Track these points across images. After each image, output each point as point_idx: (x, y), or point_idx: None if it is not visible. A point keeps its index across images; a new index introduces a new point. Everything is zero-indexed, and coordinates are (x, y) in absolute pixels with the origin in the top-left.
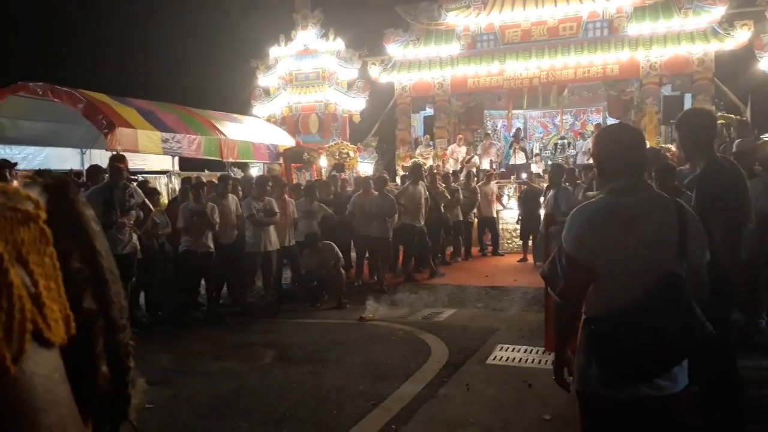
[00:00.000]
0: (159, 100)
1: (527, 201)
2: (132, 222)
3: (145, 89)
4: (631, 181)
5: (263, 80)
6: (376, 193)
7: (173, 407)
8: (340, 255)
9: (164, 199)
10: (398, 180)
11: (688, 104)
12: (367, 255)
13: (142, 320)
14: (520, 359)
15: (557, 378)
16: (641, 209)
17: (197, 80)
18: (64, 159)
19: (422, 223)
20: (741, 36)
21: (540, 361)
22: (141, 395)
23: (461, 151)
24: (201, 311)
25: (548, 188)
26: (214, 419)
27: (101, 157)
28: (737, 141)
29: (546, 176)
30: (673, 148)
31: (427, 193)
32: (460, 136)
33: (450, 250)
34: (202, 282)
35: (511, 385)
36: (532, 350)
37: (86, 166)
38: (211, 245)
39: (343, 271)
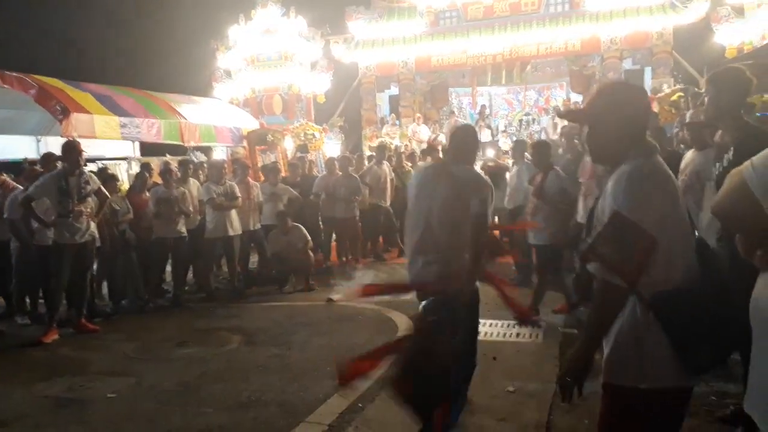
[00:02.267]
0: (115, 84)
1: (494, 179)
2: (89, 210)
3: (100, 73)
4: (652, 142)
5: (224, 61)
6: (341, 173)
7: (135, 396)
8: (309, 237)
9: (124, 186)
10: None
11: (648, 77)
12: (334, 236)
13: (105, 310)
14: (486, 333)
15: (577, 379)
16: (668, 170)
17: (154, 62)
18: (18, 147)
19: (388, 203)
20: (698, 9)
21: (505, 335)
22: None
23: (421, 131)
24: (166, 298)
25: (513, 165)
26: (177, 406)
27: (58, 145)
28: (690, 111)
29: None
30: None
31: (393, 173)
32: (419, 115)
33: None
34: (168, 269)
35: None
36: (497, 324)
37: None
38: (183, 230)
39: (311, 254)
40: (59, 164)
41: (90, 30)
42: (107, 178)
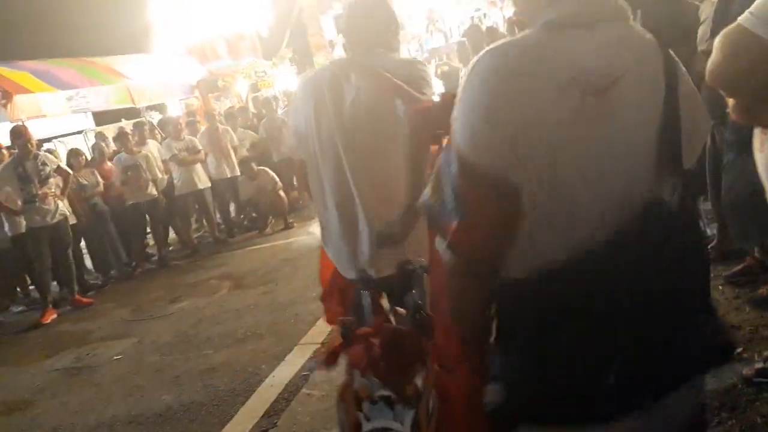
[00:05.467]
0: (49, 57)
1: (449, 81)
2: (53, 190)
3: (31, 47)
4: (588, 1)
5: (157, 11)
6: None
7: (139, 353)
8: (277, 179)
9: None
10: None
11: None
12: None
13: (96, 283)
14: None
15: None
16: (610, 62)
17: (86, 26)
18: None
19: None
20: None
21: None
22: None
23: None
24: (152, 261)
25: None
26: (180, 354)
27: (6, 131)
28: None
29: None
30: None
31: None
32: None
33: None
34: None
35: None
36: None
37: None
38: (155, 192)
39: (283, 194)
40: (5, 151)
41: (11, 4)
42: (71, 153)
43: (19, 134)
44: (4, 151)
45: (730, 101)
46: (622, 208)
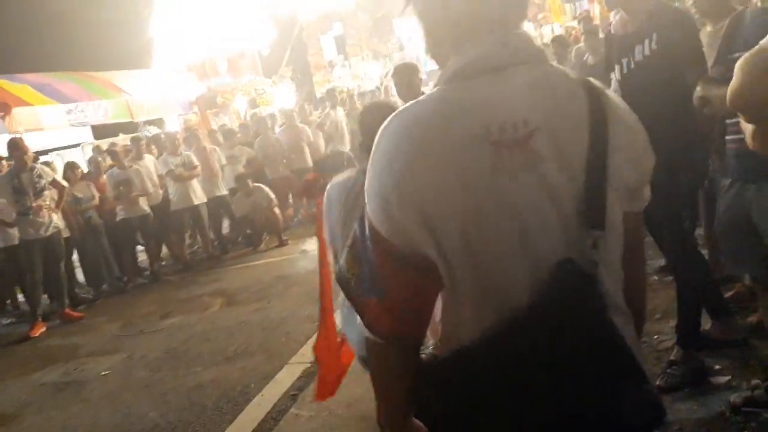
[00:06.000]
0: (49, 71)
1: None
2: (47, 203)
3: (32, 60)
4: (498, 43)
5: (158, 27)
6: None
7: (128, 369)
8: (272, 196)
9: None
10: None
11: None
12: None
13: (87, 296)
14: None
15: None
16: (525, 111)
17: (88, 40)
18: None
19: (348, 147)
20: None
21: None
22: None
23: (371, 69)
24: (144, 275)
25: None
26: (169, 370)
27: (4, 143)
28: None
29: None
30: (576, 25)
31: (346, 117)
32: (367, 52)
33: None
34: (141, 247)
35: None
36: None
37: None
38: (146, 207)
39: (277, 211)
40: (4, 163)
41: (14, 18)
42: (67, 167)
43: (15, 147)
44: (4, 162)
45: (749, 127)
46: (541, 268)
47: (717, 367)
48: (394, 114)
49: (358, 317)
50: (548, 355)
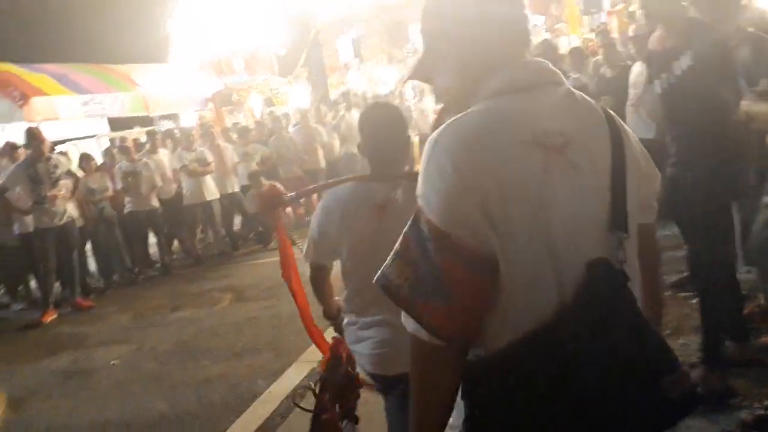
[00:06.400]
0: (68, 61)
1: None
2: (62, 192)
3: (51, 51)
4: (525, 66)
5: (177, 22)
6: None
7: (137, 360)
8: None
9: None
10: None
11: None
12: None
13: (98, 286)
14: None
15: None
16: (560, 124)
17: (107, 31)
18: None
19: None
20: None
21: None
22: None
23: (386, 73)
24: (155, 268)
25: None
26: (177, 363)
27: (22, 131)
28: (634, 25)
29: None
30: (594, 38)
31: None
32: (382, 56)
33: None
34: (153, 240)
35: None
36: None
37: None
38: (155, 202)
39: (289, 210)
40: (21, 151)
41: (34, 8)
42: (82, 158)
43: (33, 136)
44: (21, 151)
45: None
46: (575, 266)
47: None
48: (445, 125)
49: (409, 321)
50: (592, 351)
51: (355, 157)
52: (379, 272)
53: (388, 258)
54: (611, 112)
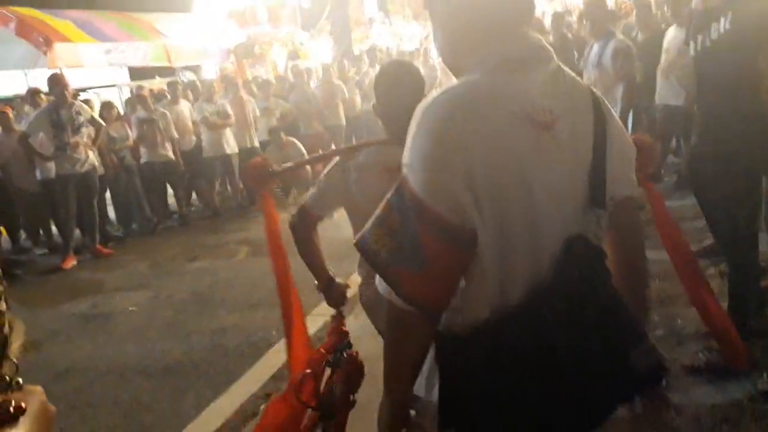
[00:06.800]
0: (92, 8)
1: None
2: (85, 140)
3: None
4: (520, 42)
5: None
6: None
7: (154, 307)
8: (304, 151)
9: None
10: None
11: None
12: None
13: (117, 234)
14: None
15: None
16: (549, 101)
17: None
18: (6, 83)
19: None
20: None
21: None
22: (20, 335)
23: (412, 29)
24: (173, 218)
25: None
26: (193, 312)
27: (46, 77)
28: None
29: None
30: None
31: None
32: (408, 11)
33: None
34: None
35: None
36: None
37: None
38: (171, 154)
39: (308, 167)
40: (43, 97)
41: None
42: (103, 106)
43: (56, 81)
44: (43, 96)
45: None
46: (557, 244)
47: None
48: (438, 92)
49: (382, 285)
50: (568, 325)
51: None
52: (359, 234)
53: (369, 222)
54: (595, 90)
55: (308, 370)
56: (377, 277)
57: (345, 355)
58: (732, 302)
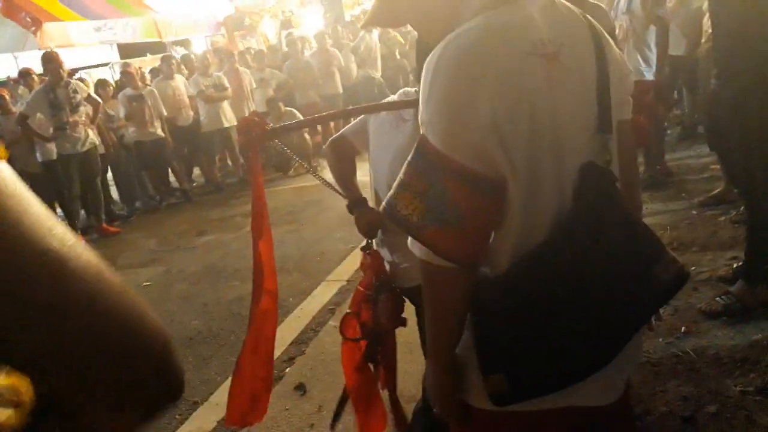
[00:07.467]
0: None
1: None
2: (83, 119)
3: None
4: None
5: None
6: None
7: (168, 281)
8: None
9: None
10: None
11: None
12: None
13: (122, 213)
14: None
15: (443, 407)
16: (551, 31)
17: None
18: None
19: (379, 74)
20: None
21: None
22: None
23: None
24: (177, 195)
25: None
26: (207, 284)
27: (37, 59)
28: None
29: None
30: None
31: (379, 41)
32: None
33: None
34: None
35: None
36: None
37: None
38: (161, 132)
39: (308, 137)
40: (35, 78)
41: None
42: (99, 84)
43: (50, 60)
44: (35, 77)
45: None
46: (574, 174)
47: None
48: (443, 45)
49: (416, 247)
50: (591, 253)
51: (372, 81)
52: (385, 202)
53: (393, 188)
54: (588, 16)
55: (348, 311)
56: (410, 240)
57: (383, 291)
58: (750, 247)
